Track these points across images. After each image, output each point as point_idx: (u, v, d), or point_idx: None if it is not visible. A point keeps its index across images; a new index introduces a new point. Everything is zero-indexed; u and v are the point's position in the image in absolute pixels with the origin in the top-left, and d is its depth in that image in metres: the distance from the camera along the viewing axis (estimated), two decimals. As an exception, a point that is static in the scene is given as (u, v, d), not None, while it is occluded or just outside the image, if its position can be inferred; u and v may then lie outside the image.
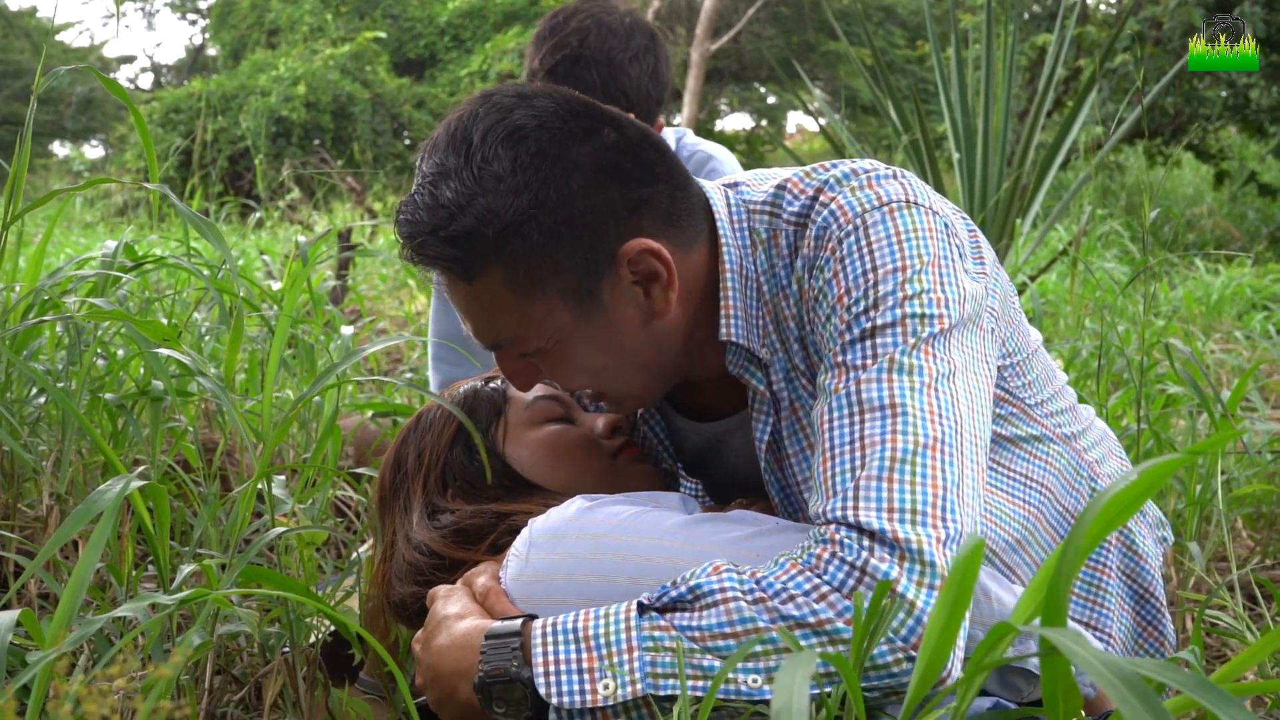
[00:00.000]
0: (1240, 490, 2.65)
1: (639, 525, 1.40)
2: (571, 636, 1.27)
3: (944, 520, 1.26)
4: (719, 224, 1.51)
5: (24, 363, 1.87)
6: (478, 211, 1.39)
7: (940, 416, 1.32)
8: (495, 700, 1.29)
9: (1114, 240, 6.91)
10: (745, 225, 1.52)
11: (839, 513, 1.27)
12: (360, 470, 2.01)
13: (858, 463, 1.30)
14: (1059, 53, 5.73)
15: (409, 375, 3.78)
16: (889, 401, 1.32)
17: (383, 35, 18.31)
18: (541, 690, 1.25)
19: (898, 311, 1.36)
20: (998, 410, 1.55)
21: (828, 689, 1.20)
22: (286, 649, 1.77)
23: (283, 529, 1.69)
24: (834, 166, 1.51)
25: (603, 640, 1.26)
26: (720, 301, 1.50)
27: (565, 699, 1.25)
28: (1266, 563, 2.66)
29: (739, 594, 1.24)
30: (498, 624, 1.33)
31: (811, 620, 1.22)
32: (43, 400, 2.12)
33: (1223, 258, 7.01)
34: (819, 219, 1.44)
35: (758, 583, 1.25)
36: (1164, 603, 1.71)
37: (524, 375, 1.53)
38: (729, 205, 1.53)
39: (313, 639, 1.84)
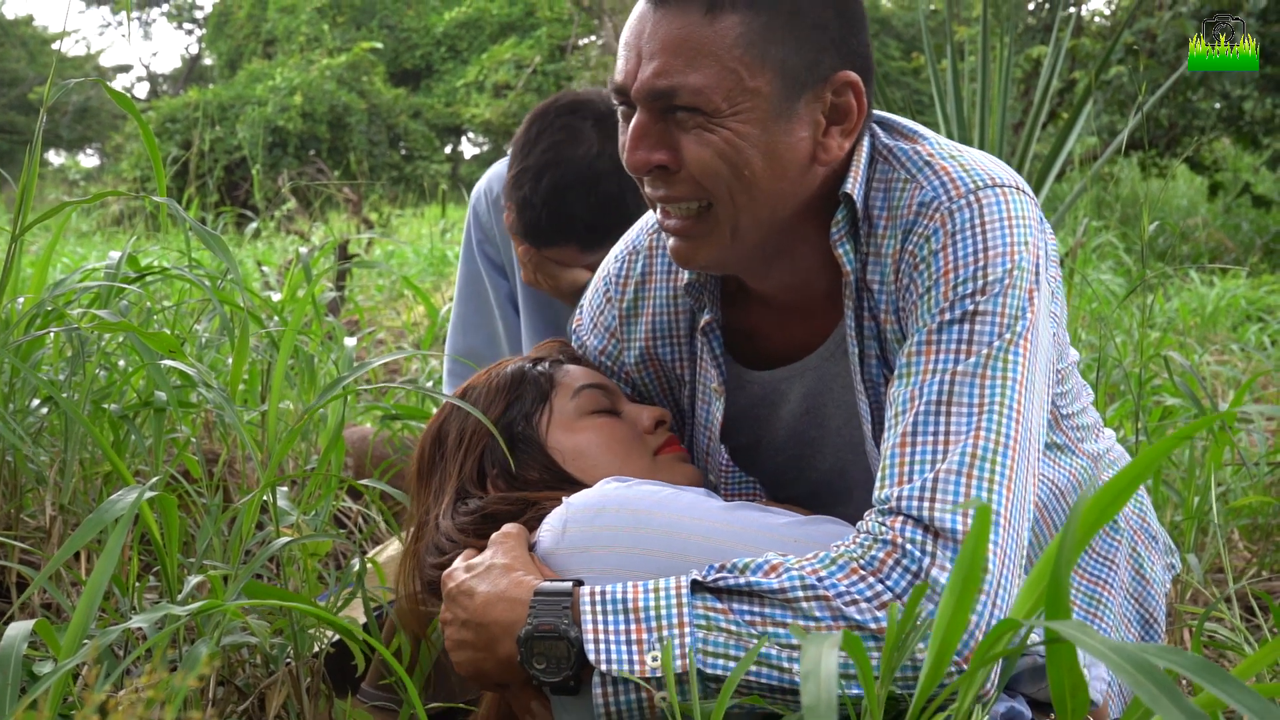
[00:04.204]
0: (1237, 502, 2.66)
1: (678, 504, 1.40)
2: (620, 607, 1.27)
3: (1012, 527, 1.28)
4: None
5: (31, 372, 1.87)
6: None
7: (1022, 418, 1.33)
8: (537, 655, 1.29)
9: (1109, 252, 6.92)
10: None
11: (913, 504, 1.28)
12: (364, 483, 2.01)
13: (939, 455, 1.31)
14: (1054, 65, 5.75)
15: (408, 385, 3.78)
16: (978, 400, 1.33)
17: (379, 46, 18.36)
18: (590, 655, 1.26)
19: (999, 301, 1.37)
20: None
21: (855, 691, 1.20)
22: (290, 660, 1.78)
23: (289, 539, 1.69)
24: (930, 132, 1.54)
25: (653, 613, 1.26)
26: (851, 169, 1.50)
27: (614, 666, 1.25)
28: (1264, 575, 2.66)
29: (800, 592, 1.25)
30: (546, 583, 1.32)
31: (873, 626, 1.23)
32: (45, 411, 2.13)
33: (1217, 269, 7.02)
34: (927, 184, 1.46)
35: (819, 580, 1.25)
36: (1164, 628, 1.73)
37: (653, 149, 1.45)
38: None
39: (315, 649, 1.85)
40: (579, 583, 1.32)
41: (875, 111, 1.57)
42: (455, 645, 1.39)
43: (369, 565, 1.92)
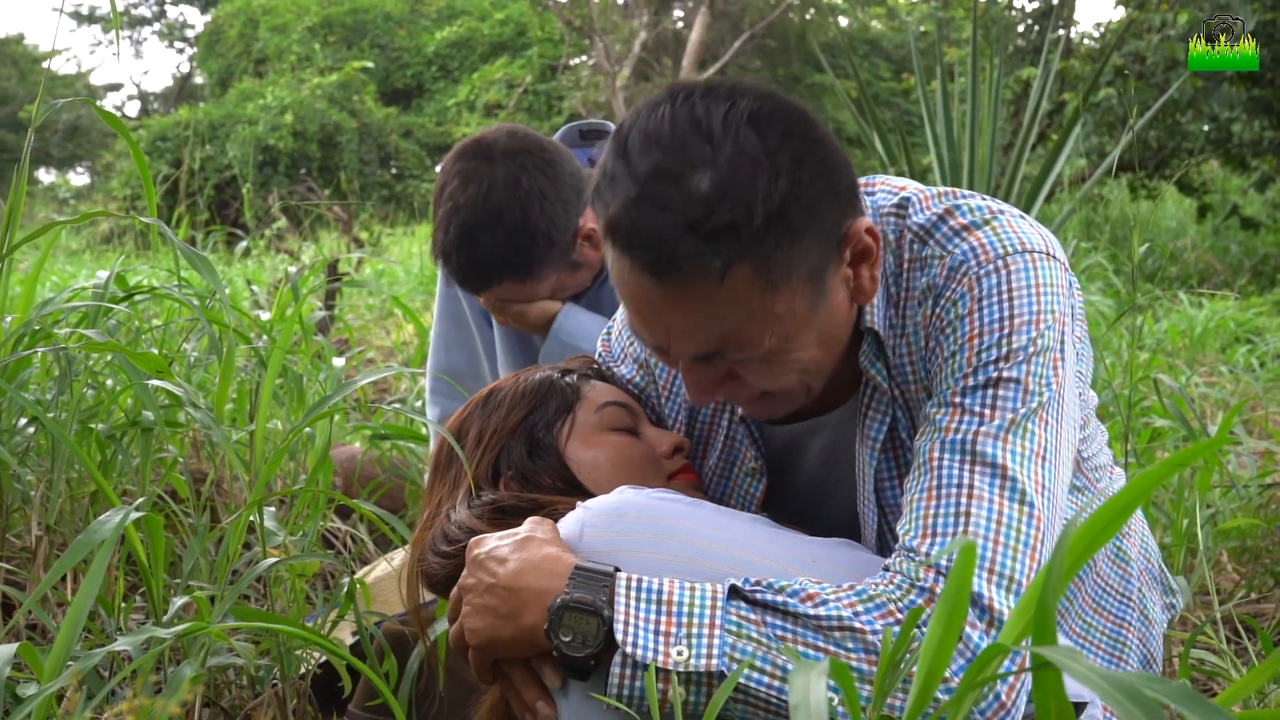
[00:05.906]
0: (1226, 524, 2.66)
1: (699, 514, 1.40)
2: (655, 598, 1.28)
3: None
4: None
5: (16, 392, 1.87)
6: (740, 199, 1.28)
7: (1043, 489, 1.35)
8: (565, 628, 1.29)
9: (1098, 273, 6.95)
10: (879, 226, 1.50)
11: (942, 561, 1.29)
12: (351, 502, 2.01)
13: (963, 510, 1.32)
14: (1044, 86, 5.77)
15: (396, 405, 3.78)
16: (1001, 462, 1.34)
17: (370, 65, 18.37)
18: (619, 635, 1.26)
19: (1024, 369, 1.38)
20: None
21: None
22: (276, 681, 1.77)
23: (275, 559, 1.69)
24: (965, 196, 1.51)
25: (685, 610, 1.27)
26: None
27: (639, 651, 1.26)
28: (1251, 596, 2.67)
29: (835, 623, 1.26)
30: (587, 561, 1.33)
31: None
32: (31, 431, 2.12)
33: (1206, 291, 7.05)
34: (957, 251, 1.45)
35: (855, 615, 1.27)
36: (1161, 669, 1.74)
37: (715, 388, 1.46)
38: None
39: (302, 670, 1.84)
40: (616, 569, 1.32)
41: (899, 183, 1.55)
42: (474, 611, 1.38)
43: (357, 586, 1.91)
